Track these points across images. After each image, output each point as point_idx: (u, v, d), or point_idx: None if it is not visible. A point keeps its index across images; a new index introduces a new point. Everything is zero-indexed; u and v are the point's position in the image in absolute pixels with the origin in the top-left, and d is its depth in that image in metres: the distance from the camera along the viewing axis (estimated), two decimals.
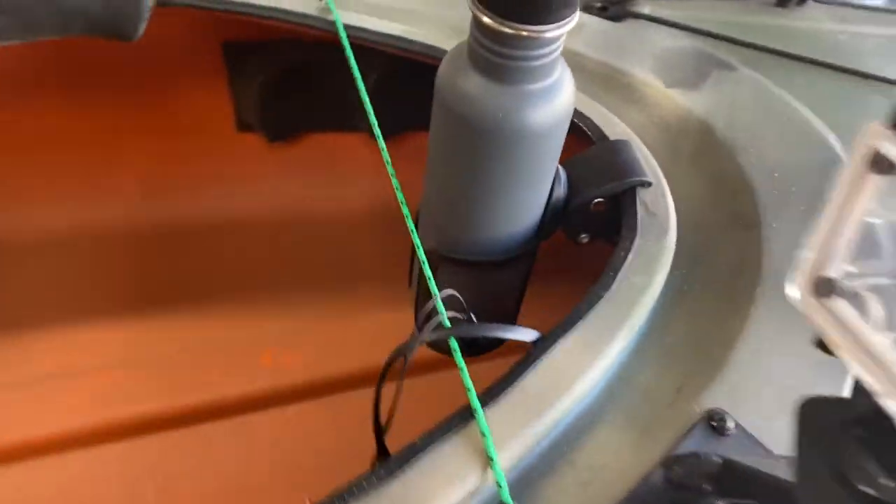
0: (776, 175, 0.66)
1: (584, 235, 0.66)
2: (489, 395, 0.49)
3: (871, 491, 0.28)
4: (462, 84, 0.53)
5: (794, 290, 0.30)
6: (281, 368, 0.97)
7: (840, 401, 0.31)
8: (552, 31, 0.48)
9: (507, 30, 0.48)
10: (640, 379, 0.54)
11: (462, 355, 0.51)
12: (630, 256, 0.59)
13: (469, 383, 0.49)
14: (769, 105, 0.73)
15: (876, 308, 0.29)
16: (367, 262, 1.09)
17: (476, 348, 0.67)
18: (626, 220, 0.62)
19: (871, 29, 0.88)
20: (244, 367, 0.96)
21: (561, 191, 0.62)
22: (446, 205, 0.61)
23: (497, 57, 0.50)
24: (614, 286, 0.56)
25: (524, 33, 0.48)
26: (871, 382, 0.27)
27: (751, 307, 0.57)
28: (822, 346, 0.31)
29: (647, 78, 0.75)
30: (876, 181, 0.26)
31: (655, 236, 0.60)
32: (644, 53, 0.78)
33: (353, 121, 1.11)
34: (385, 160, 0.63)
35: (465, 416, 0.47)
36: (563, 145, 0.56)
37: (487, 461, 0.45)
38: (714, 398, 0.52)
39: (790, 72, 0.79)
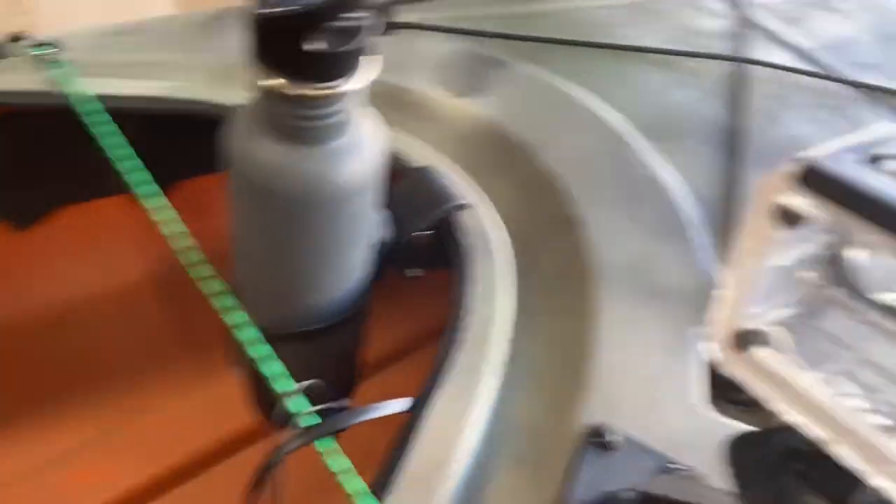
0: (578, 167, 0.67)
1: (416, 270, 0.63)
2: (378, 486, 0.45)
3: None
4: (261, 153, 0.48)
5: (714, 351, 0.28)
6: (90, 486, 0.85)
7: (769, 434, 0.30)
8: (351, 85, 0.44)
9: (308, 91, 0.44)
10: (517, 414, 0.52)
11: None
12: (468, 289, 0.56)
13: (356, 486, 0.44)
14: (551, 96, 0.74)
15: (784, 339, 0.28)
16: (159, 339, 0.98)
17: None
18: (452, 248, 0.59)
19: None
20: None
21: (385, 233, 0.59)
22: (267, 279, 0.55)
23: (299, 120, 0.45)
24: (462, 325, 0.54)
25: (323, 92, 0.44)
26: (815, 430, 0.26)
27: (597, 310, 0.57)
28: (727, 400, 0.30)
29: (431, 91, 0.72)
30: (782, 233, 0.25)
31: (487, 259, 0.58)
32: (421, 65, 0.75)
33: (108, 186, 0.99)
34: (164, 218, 0.56)
35: None
36: (380, 193, 0.53)
37: None
38: (592, 413, 0.51)
39: (560, 56, 0.80)
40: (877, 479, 0.24)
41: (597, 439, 0.50)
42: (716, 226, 0.65)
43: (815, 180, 0.23)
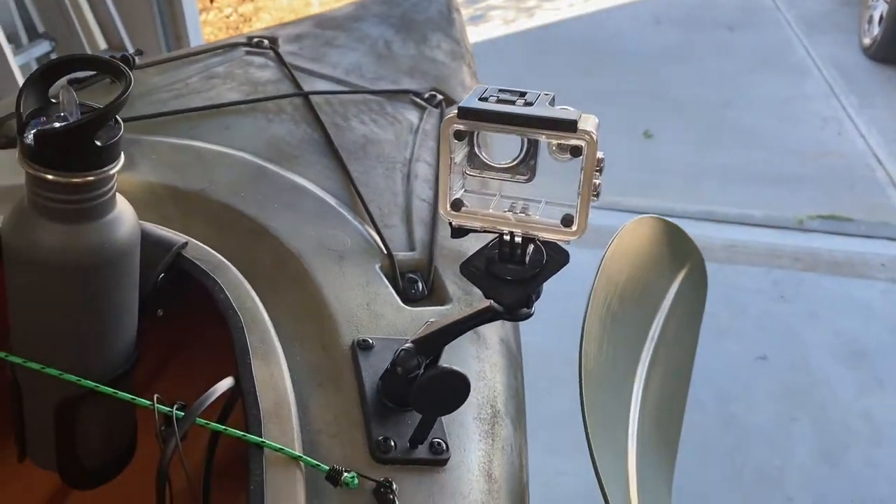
0: (246, 191, 0.88)
1: (159, 311, 0.78)
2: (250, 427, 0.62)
3: None
4: (49, 238, 0.59)
5: (447, 216, 0.55)
6: None
7: (478, 253, 0.59)
8: (115, 168, 0.59)
9: (89, 178, 0.58)
10: (303, 357, 0.73)
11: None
12: (227, 293, 0.74)
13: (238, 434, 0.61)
14: (190, 154, 0.93)
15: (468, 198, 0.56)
16: None
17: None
18: (195, 276, 0.76)
19: None
20: None
21: None
22: (68, 347, 0.65)
23: (83, 202, 0.59)
24: (237, 315, 0.71)
25: (90, 178, 0.58)
26: (505, 230, 0.55)
27: (313, 277, 0.80)
28: (457, 233, 0.57)
29: None
30: (457, 145, 0.53)
31: (226, 269, 0.76)
32: None
33: None
34: None
35: None
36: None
37: None
38: (343, 336, 0.75)
39: (168, 126, 0.99)
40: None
41: (361, 344, 0.74)
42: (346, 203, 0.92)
43: (465, 112, 0.51)
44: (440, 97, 1.21)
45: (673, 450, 1.05)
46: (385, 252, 0.87)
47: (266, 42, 1.23)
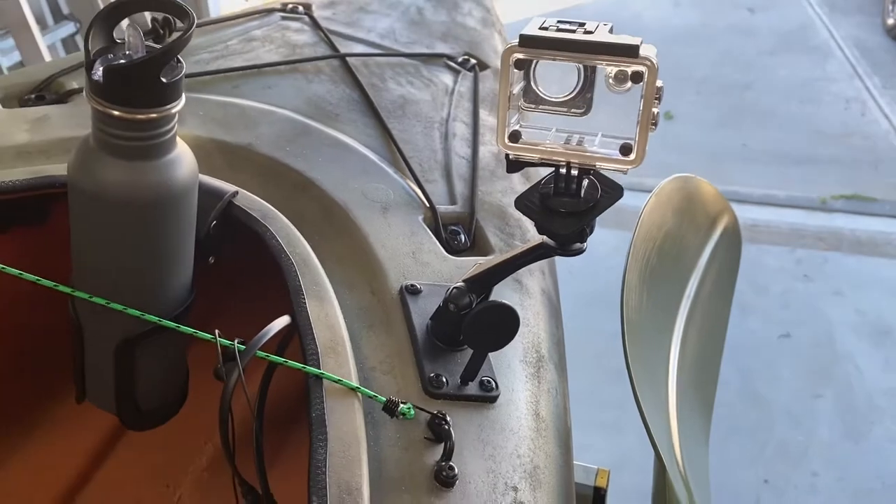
0: (291, 147, 0.89)
1: (211, 258, 0.79)
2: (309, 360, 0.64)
3: None
4: (112, 174, 0.61)
5: (505, 148, 0.56)
6: None
7: (532, 189, 0.60)
8: (180, 106, 0.60)
9: (152, 114, 0.59)
10: (351, 301, 0.74)
11: None
12: (279, 240, 0.75)
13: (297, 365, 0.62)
14: (239, 111, 0.95)
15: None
16: None
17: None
18: (247, 224, 0.77)
19: None
20: None
21: None
22: (129, 284, 0.67)
23: (145, 140, 0.60)
24: (289, 259, 0.73)
25: (153, 115, 0.60)
26: (560, 161, 0.56)
27: (360, 227, 0.82)
28: (513, 167, 0.58)
29: None
30: (517, 75, 0.54)
31: (277, 217, 0.77)
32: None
33: None
34: None
35: None
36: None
37: None
38: (392, 282, 0.76)
39: (217, 84, 1.00)
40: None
41: (410, 289, 0.75)
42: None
43: (526, 40, 0.52)
44: (474, 61, 1.22)
45: (709, 409, 1.06)
46: (427, 205, 0.88)
47: (301, 8, 1.24)
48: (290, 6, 1.24)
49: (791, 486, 2.11)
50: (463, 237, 0.87)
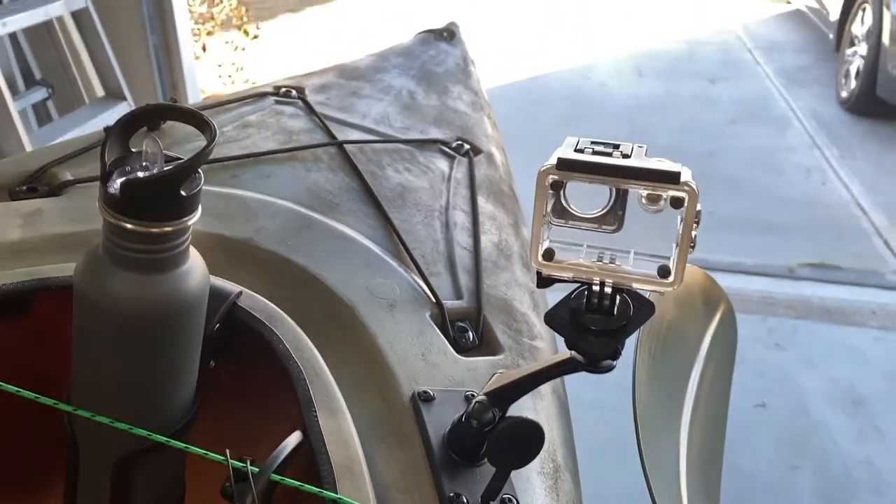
0: (294, 242, 0.87)
1: (211, 362, 0.76)
2: (324, 480, 0.61)
3: None
4: (122, 287, 0.58)
5: (536, 266, 0.55)
6: None
7: (563, 302, 0.59)
8: (194, 219, 0.58)
9: (168, 228, 0.57)
10: (362, 411, 0.72)
11: None
12: (285, 344, 0.72)
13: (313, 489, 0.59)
14: (240, 202, 0.92)
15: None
16: None
17: None
18: (250, 326, 0.74)
19: None
20: None
21: None
22: (132, 399, 0.63)
23: (158, 253, 0.58)
24: (298, 367, 0.70)
25: (169, 228, 0.58)
26: (595, 280, 0.55)
27: (366, 328, 0.79)
28: (543, 283, 0.57)
29: None
30: (550, 196, 0.53)
31: (281, 318, 0.75)
32: None
33: None
34: None
35: None
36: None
37: None
38: (403, 387, 0.74)
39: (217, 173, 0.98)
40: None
41: (422, 396, 0.73)
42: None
43: (564, 163, 0.52)
44: (467, 146, 1.22)
45: (715, 498, 1.04)
46: (434, 300, 0.86)
47: (294, 92, 1.24)
48: (284, 90, 1.24)
49: None
50: (471, 335, 0.86)
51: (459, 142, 1.23)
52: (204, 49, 4.64)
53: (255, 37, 4.88)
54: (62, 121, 2.84)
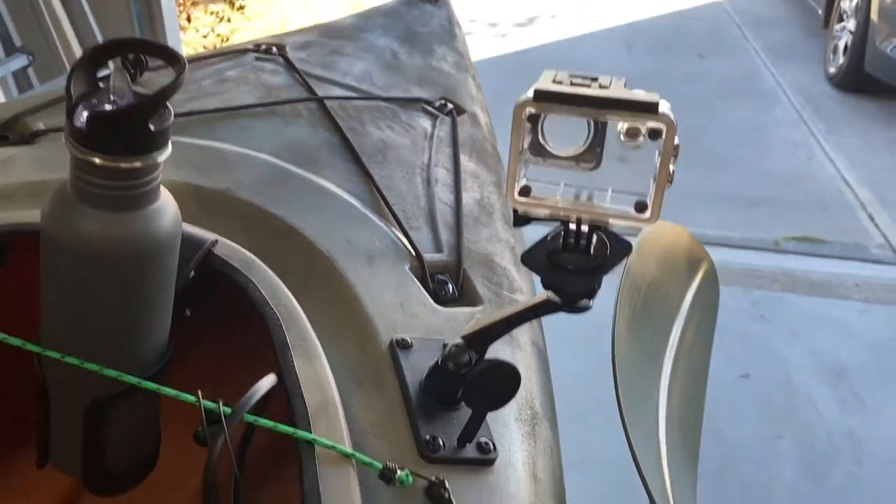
0: (269, 192, 0.86)
1: (187, 311, 0.75)
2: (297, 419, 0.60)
3: None
4: (89, 225, 0.57)
5: (514, 203, 0.54)
6: None
7: (539, 243, 0.58)
8: (165, 155, 0.57)
9: (137, 163, 0.56)
10: (340, 356, 0.71)
11: None
12: (262, 291, 0.71)
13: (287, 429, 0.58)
14: (215, 154, 0.91)
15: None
16: None
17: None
18: (227, 273, 0.73)
19: None
20: None
21: None
22: (105, 339, 0.62)
23: (127, 189, 0.57)
24: (274, 313, 0.69)
25: (138, 164, 0.56)
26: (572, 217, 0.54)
27: (343, 276, 0.78)
28: (520, 221, 0.56)
29: None
30: (527, 128, 0.52)
31: (259, 267, 0.74)
32: None
33: None
34: None
35: None
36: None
37: None
38: (381, 336, 0.73)
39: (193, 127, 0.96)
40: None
41: (400, 343, 0.72)
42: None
43: (541, 95, 0.51)
44: (451, 106, 1.20)
45: (694, 460, 1.04)
46: (414, 254, 0.85)
47: (275, 49, 1.22)
48: (264, 47, 1.22)
49: None
50: (451, 287, 0.85)
51: (443, 101, 1.21)
52: (189, 20, 4.58)
53: (241, 7, 4.82)
54: (42, 88, 2.79)
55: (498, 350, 0.78)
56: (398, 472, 0.59)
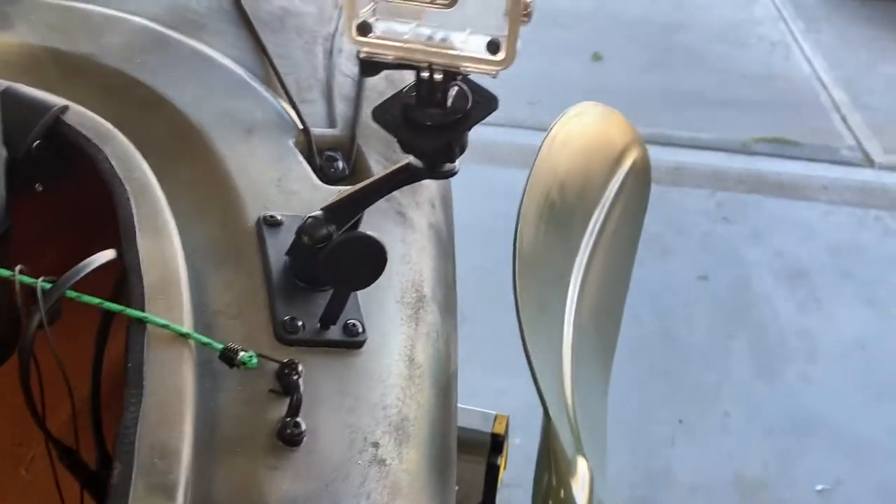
0: (139, 59, 0.78)
1: (38, 186, 0.68)
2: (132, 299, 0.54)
3: None
4: None
5: (353, 42, 0.47)
6: None
7: (392, 98, 0.50)
8: None
9: None
10: (198, 234, 0.64)
11: None
12: (113, 163, 0.64)
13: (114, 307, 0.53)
14: (80, 16, 0.82)
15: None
16: None
17: None
18: (79, 143, 0.66)
19: None
20: None
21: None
22: None
23: None
24: (124, 187, 0.62)
25: None
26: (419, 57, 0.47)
27: (215, 150, 0.71)
28: (367, 69, 0.49)
29: None
30: None
31: (113, 137, 0.66)
32: None
33: None
34: None
35: None
36: None
37: None
38: (250, 211, 0.67)
39: None
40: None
41: (268, 221, 0.66)
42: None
43: None
44: None
45: (610, 351, 1.00)
46: (301, 127, 0.78)
47: None
48: None
49: (704, 425, 2.12)
50: (341, 164, 0.78)
51: None
52: None
53: None
54: None
55: (385, 229, 0.72)
56: (241, 352, 0.53)
